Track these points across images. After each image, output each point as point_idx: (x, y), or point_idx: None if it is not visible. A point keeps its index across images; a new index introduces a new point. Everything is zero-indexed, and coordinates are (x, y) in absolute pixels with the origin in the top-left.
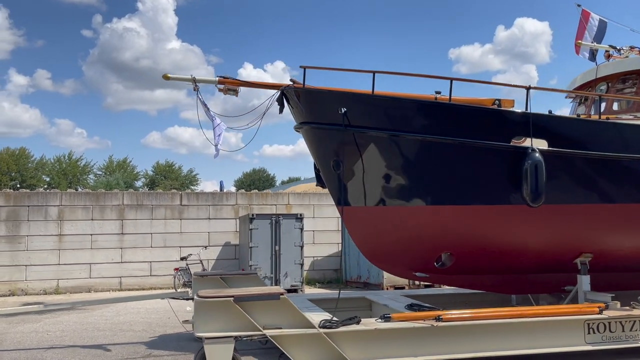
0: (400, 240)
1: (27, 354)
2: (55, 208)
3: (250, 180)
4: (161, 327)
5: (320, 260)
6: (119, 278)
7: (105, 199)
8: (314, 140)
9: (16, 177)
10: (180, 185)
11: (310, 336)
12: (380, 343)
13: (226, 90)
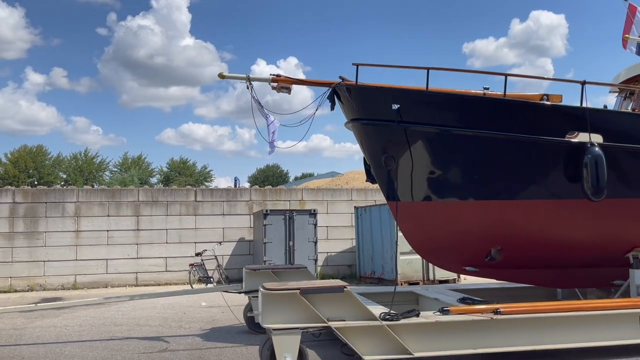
0: (452, 236)
1: (45, 348)
2: (72, 204)
3: (264, 177)
4: (176, 322)
5: (334, 256)
6: (135, 274)
7: (121, 196)
8: (365, 136)
9: (34, 174)
10: (194, 181)
11: (373, 328)
12: (439, 335)
13: (279, 88)
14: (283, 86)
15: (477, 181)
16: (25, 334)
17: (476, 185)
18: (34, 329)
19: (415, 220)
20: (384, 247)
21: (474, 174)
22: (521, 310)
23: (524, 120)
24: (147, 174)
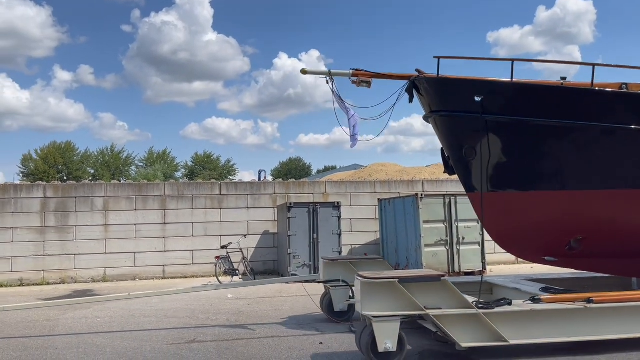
0: (533, 226)
1: (78, 339)
2: (101, 199)
3: (287, 170)
4: (204, 314)
5: (358, 248)
6: (163, 266)
7: (147, 190)
8: (445, 128)
9: (63, 170)
10: (218, 175)
11: (469, 316)
12: (533, 324)
13: (359, 82)
14: (363, 80)
15: (559, 172)
16: (58, 325)
17: (558, 175)
18: (67, 320)
19: (496, 211)
20: (408, 239)
21: (556, 165)
22: (613, 299)
23: (612, 109)
24: (172, 169)
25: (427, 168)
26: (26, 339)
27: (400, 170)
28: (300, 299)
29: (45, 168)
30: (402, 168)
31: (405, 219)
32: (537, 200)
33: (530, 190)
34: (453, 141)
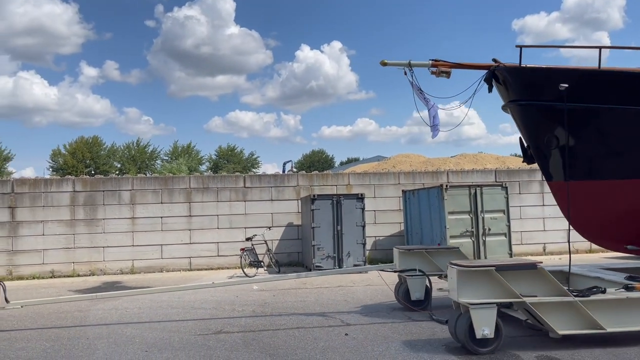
0: (616, 215)
1: (108, 329)
2: (128, 192)
3: (310, 162)
4: (230, 306)
5: (383, 240)
6: (189, 258)
7: (173, 183)
8: (526, 117)
9: (90, 164)
10: (242, 168)
11: (565, 304)
12: (628, 312)
13: (439, 72)
14: (443, 71)
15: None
16: (89, 315)
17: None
18: (97, 311)
19: (578, 199)
20: (433, 230)
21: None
22: None
23: None
24: (196, 162)
25: (452, 159)
26: (58, 329)
27: (424, 161)
28: (325, 291)
29: (74, 162)
30: (427, 159)
31: (430, 210)
32: (620, 189)
33: (615, 178)
34: (534, 130)
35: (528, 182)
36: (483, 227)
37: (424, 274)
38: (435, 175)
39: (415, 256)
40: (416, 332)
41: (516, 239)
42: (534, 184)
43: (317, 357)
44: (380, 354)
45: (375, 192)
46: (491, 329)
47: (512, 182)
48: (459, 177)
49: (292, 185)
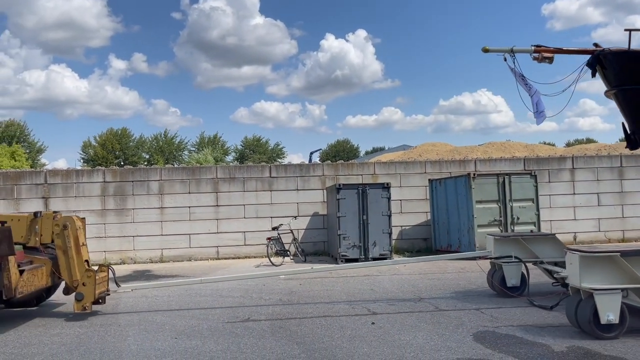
0: None
1: (139, 316)
2: (156, 183)
3: (335, 152)
4: (257, 294)
5: (409, 230)
6: (216, 247)
7: (200, 173)
8: (634, 101)
9: (120, 155)
10: (267, 159)
11: None
12: None
13: (541, 58)
14: (545, 56)
15: None
16: (120, 303)
17: None
18: (128, 298)
19: None
20: (460, 219)
21: None
22: None
23: None
24: (222, 152)
25: (479, 147)
26: (91, 316)
27: (451, 149)
28: (351, 280)
29: (104, 154)
30: (454, 147)
31: (457, 199)
32: None
33: None
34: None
35: (558, 170)
36: (511, 216)
37: (520, 261)
38: (463, 163)
39: (510, 243)
40: (443, 322)
41: (545, 228)
42: (564, 172)
43: (344, 345)
44: (407, 342)
45: (401, 182)
46: (616, 315)
47: (541, 171)
48: (486, 165)
49: (317, 174)
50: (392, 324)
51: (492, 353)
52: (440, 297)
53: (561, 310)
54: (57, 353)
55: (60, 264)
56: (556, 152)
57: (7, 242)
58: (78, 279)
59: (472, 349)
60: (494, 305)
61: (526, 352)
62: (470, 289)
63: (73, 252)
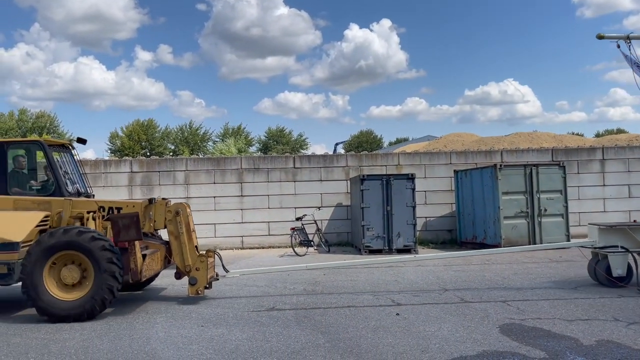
0: None
1: (166, 304)
2: (182, 173)
3: (358, 143)
4: (281, 283)
5: (433, 221)
6: (241, 237)
7: (225, 164)
8: None
9: (146, 146)
10: (291, 149)
11: None
12: None
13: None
14: None
15: None
16: (148, 291)
17: None
18: (155, 287)
19: None
20: (486, 211)
21: None
22: None
23: None
24: (246, 143)
25: (506, 137)
26: (119, 304)
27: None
28: (375, 271)
29: (130, 144)
30: (479, 138)
31: (482, 190)
32: None
33: None
34: None
35: (587, 161)
36: (539, 208)
37: (626, 251)
38: (489, 154)
39: (616, 233)
40: (469, 314)
41: (574, 220)
42: (594, 164)
43: (369, 335)
44: (432, 334)
45: (425, 172)
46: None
47: (570, 162)
48: (513, 156)
49: (341, 165)
50: (416, 315)
51: (518, 346)
52: (465, 289)
53: (593, 304)
54: (88, 338)
55: (173, 249)
56: (585, 143)
57: (136, 227)
58: (190, 264)
59: (498, 341)
60: (521, 298)
61: (554, 345)
62: (495, 281)
63: (185, 237)
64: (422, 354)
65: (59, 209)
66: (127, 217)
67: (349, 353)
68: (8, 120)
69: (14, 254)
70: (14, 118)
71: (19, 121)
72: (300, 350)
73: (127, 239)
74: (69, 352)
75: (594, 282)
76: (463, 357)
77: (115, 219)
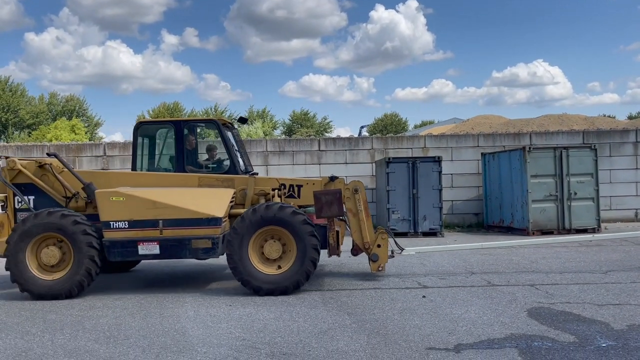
0: None
1: (195, 283)
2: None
3: (382, 125)
4: None
5: (459, 204)
6: None
7: (250, 146)
8: None
9: None
10: (315, 132)
11: None
12: None
13: None
14: None
15: None
16: (176, 270)
17: None
18: (183, 267)
19: None
20: (514, 194)
21: None
22: None
23: None
24: (271, 126)
25: (535, 120)
26: (149, 285)
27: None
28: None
29: None
30: (508, 120)
31: (510, 173)
32: None
33: None
34: None
35: (620, 143)
36: (568, 191)
37: None
38: (517, 137)
39: None
40: (496, 297)
41: (605, 204)
42: (627, 146)
43: (395, 317)
44: (459, 317)
45: (452, 155)
46: None
47: (601, 144)
48: (542, 138)
49: (366, 148)
50: (443, 298)
51: (547, 329)
52: (492, 272)
53: (624, 289)
54: (120, 316)
55: (352, 226)
56: (618, 125)
57: (338, 204)
58: (369, 241)
59: (526, 325)
60: (549, 282)
61: (584, 329)
62: (523, 265)
63: (363, 215)
64: (449, 336)
65: (242, 186)
66: (330, 193)
67: (376, 334)
68: (39, 103)
69: (217, 229)
70: (44, 102)
71: (49, 104)
72: (327, 331)
73: (329, 215)
74: (102, 329)
75: (625, 266)
76: (491, 339)
77: (318, 195)
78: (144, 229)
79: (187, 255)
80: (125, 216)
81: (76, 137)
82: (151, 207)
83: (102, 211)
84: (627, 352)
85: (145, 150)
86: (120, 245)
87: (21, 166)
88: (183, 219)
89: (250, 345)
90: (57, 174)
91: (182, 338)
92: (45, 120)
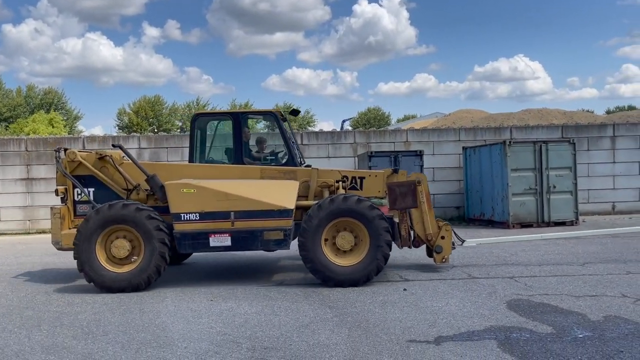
0: None
1: (176, 279)
2: None
3: (365, 120)
4: (289, 260)
5: (441, 198)
6: None
7: None
8: None
9: (153, 122)
10: (298, 126)
11: None
12: None
13: None
14: None
15: None
16: None
17: None
18: None
19: None
20: (494, 188)
21: None
22: None
23: None
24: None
25: (515, 114)
26: None
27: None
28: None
29: (138, 121)
30: (489, 114)
31: (491, 167)
32: None
33: None
34: None
35: (598, 138)
36: (547, 185)
37: None
38: (498, 131)
39: None
40: (476, 290)
41: (583, 198)
42: (605, 140)
43: (376, 310)
44: (439, 309)
45: (434, 149)
46: None
47: (580, 139)
48: (523, 133)
49: (349, 142)
50: (424, 291)
51: (526, 321)
52: (472, 265)
53: (601, 280)
54: (99, 312)
55: (414, 218)
56: (596, 120)
57: (412, 196)
58: (432, 233)
59: (505, 317)
60: (528, 274)
61: (562, 320)
62: (503, 258)
63: (426, 207)
64: (430, 329)
65: (304, 178)
66: (405, 185)
67: (357, 327)
68: (16, 96)
69: (289, 220)
70: (21, 94)
71: (26, 97)
72: (309, 324)
73: (403, 206)
74: (80, 325)
75: (603, 258)
76: (471, 331)
77: (393, 187)
78: (216, 220)
79: (259, 247)
80: (197, 208)
81: (54, 130)
82: (223, 198)
83: (172, 203)
84: (603, 343)
85: (204, 142)
86: (191, 237)
87: (81, 158)
88: (255, 210)
89: (231, 340)
90: (118, 165)
91: (163, 333)
92: (23, 113)
